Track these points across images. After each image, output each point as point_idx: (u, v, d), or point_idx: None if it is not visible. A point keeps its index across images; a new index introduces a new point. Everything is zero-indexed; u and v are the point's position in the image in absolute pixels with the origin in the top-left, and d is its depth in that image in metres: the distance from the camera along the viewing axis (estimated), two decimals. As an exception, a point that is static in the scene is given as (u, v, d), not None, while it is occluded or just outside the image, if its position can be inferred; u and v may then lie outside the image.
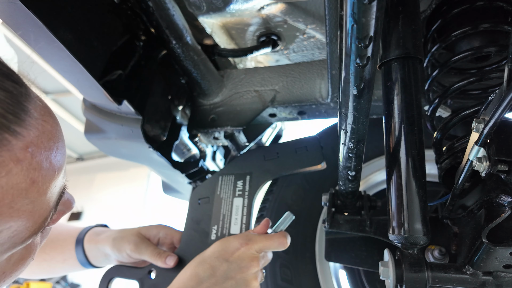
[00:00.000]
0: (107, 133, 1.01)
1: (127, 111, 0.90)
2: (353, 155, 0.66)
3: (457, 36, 0.74)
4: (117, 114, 0.94)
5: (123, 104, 0.85)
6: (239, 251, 0.76)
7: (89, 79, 0.77)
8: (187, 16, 0.96)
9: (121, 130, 0.95)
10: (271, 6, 0.96)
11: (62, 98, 5.77)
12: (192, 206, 0.97)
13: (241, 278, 0.74)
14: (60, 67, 0.78)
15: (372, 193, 1.18)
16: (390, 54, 0.63)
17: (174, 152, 1.08)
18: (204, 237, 0.90)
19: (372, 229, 0.85)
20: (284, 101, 1.06)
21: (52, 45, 0.69)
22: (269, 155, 0.97)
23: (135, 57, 0.95)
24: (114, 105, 0.86)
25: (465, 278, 0.61)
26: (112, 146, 1.06)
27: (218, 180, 0.98)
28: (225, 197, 0.95)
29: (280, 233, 0.81)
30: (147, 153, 0.99)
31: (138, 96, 0.94)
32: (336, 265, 1.09)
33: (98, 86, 0.79)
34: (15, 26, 0.67)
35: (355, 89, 0.49)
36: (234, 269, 0.74)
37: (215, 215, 0.93)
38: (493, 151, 0.55)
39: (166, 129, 1.03)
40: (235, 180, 0.96)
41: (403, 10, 0.63)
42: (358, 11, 0.38)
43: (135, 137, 0.93)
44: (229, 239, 0.79)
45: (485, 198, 0.63)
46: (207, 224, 0.92)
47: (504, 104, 0.48)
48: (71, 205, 0.52)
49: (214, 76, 1.09)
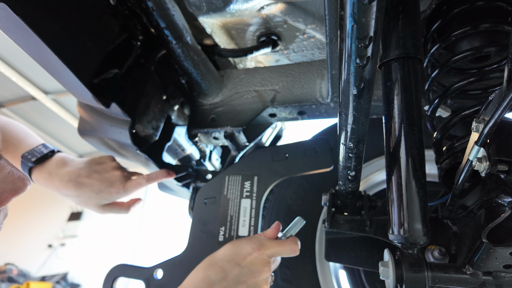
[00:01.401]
0: (98, 131, 1.01)
1: (117, 112, 0.90)
2: (353, 155, 0.66)
3: (457, 36, 0.74)
4: (108, 114, 0.94)
5: (112, 107, 0.85)
6: (251, 256, 0.75)
7: (77, 83, 0.77)
8: (187, 16, 0.96)
9: (110, 130, 0.96)
10: (271, 6, 0.96)
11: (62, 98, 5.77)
12: (198, 206, 0.96)
13: (252, 283, 0.74)
14: (50, 70, 0.78)
15: (372, 193, 1.18)
16: (390, 54, 0.63)
17: (167, 152, 1.08)
18: (212, 238, 0.89)
19: (372, 229, 0.85)
20: (284, 101, 1.06)
21: (41, 49, 0.70)
22: (278, 156, 0.96)
23: (132, 57, 0.95)
24: None
25: (465, 278, 0.61)
26: (103, 144, 1.06)
27: (224, 180, 0.97)
28: (232, 197, 0.93)
29: (291, 239, 0.80)
30: (135, 154, 0.99)
31: (130, 96, 0.94)
32: (336, 265, 1.09)
33: (85, 89, 0.79)
34: (6, 30, 0.68)
35: (355, 89, 0.49)
36: (246, 274, 0.74)
37: (222, 216, 0.91)
38: (493, 151, 0.55)
39: (159, 129, 1.04)
40: (242, 180, 0.95)
41: (403, 10, 0.62)
42: (358, 11, 0.38)
43: (123, 138, 0.93)
44: (241, 243, 0.78)
45: (485, 198, 0.63)
46: (214, 225, 0.91)
47: (504, 104, 0.48)
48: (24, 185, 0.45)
49: (214, 76, 1.09)
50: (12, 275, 5.56)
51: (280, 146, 1.00)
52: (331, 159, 0.93)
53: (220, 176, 0.98)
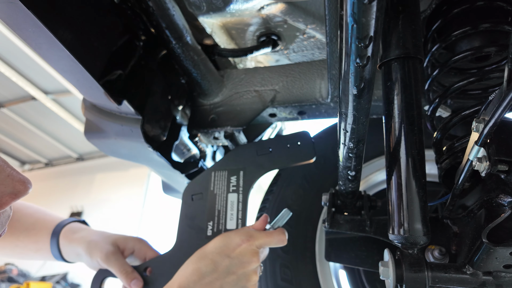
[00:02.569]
0: (107, 133, 1.01)
1: (127, 111, 0.90)
2: (353, 155, 0.66)
3: (457, 36, 0.74)
4: (117, 114, 0.94)
5: (123, 104, 0.85)
6: (240, 247, 0.77)
7: (89, 79, 0.77)
8: (187, 16, 0.96)
9: (121, 130, 0.95)
10: (271, 6, 0.96)
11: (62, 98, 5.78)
12: (185, 202, 0.97)
13: (242, 273, 0.75)
14: (60, 67, 0.78)
15: (372, 193, 1.18)
16: (390, 54, 0.63)
17: (174, 152, 1.08)
18: (200, 233, 0.90)
19: (372, 229, 0.85)
20: (284, 101, 1.06)
21: (52, 45, 0.69)
22: (262, 150, 0.98)
23: (135, 57, 0.95)
24: (114, 105, 0.86)
25: (465, 278, 0.61)
26: (112, 146, 1.06)
27: (211, 175, 0.98)
28: (219, 192, 0.95)
29: (279, 230, 0.83)
30: (147, 153, 0.99)
31: (138, 96, 0.94)
32: (336, 265, 1.09)
33: (98, 86, 0.79)
34: (15, 26, 0.67)
35: (355, 89, 0.49)
36: (236, 265, 0.75)
37: (209, 211, 0.93)
38: (493, 151, 0.55)
39: (166, 129, 1.03)
40: (228, 175, 0.97)
41: (403, 10, 0.62)
42: (358, 11, 0.38)
43: (135, 137, 0.93)
44: (230, 235, 0.80)
45: (485, 198, 0.63)
46: (202, 220, 0.92)
47: (504, 104, 0.48)
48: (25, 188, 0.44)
49: (214, 76, 1.09)
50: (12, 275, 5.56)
51: (264, 141, 1.02)
52: (313, 151, 0.95)
53: (206, 172, 1.00)
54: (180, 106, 1.12)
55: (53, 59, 0.75)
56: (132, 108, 0.87)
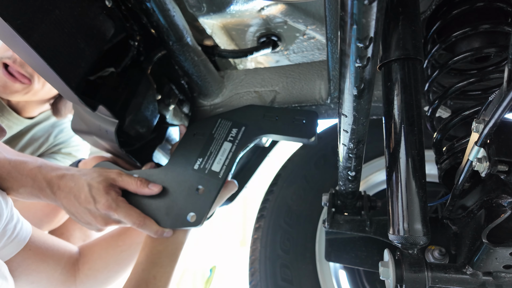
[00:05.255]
0: (88, 128, 1.03)
1: (105, 112, 0.92)
2: (353, 155, 0.66)
3: (457, 37, 0.74)
4: (97, 113, 0.95)
5: (99, 108, 0.88)
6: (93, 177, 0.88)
7: (65, 88, 0.79)
8: (187, 17, 0.96)
9: (99, 130, 0.99)
10: (271, 7, 0.96)
11: (62, 98, 5.77)
12: (186, 136, 1.04)
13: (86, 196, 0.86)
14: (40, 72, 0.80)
15: (372, 194, 1.18)
16: (390, 55, 0.63)
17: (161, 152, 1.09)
18: (188, 164, 0.97)
19: (372, 229, 0.85)
20: (284, 102, 1.06)
21: (30, 53, 0.71)
22: (269, 115, 1.02)
23: (129, 56, 0.98)
24: None
25: (465, 279, 0.61)
26: (94, 141, 1.09)
27: (216, 121, 1.04)
28: (218, 137, 1.00)
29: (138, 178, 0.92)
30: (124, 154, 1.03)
31: (123, 97, 0.97)
32: (336, 265, 1.09)
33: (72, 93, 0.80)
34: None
35: (355, 89, 0.49)
36: None
37: (203, 149, 0.99)
38: (493, 151, 0.55)
39: (150, 129, 1.05)
40: (231, 126, 1.02)
41: (403, 11, 0.63)
42: (359, 12, 0.38)
43: (109, 139, 0.96)
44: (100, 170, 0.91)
45: (485, 198, 0.64)
46: (194, 154, 0.99)
47: (504, 104, 0.48)
48: None
49: (214, 77, 1.09)
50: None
51: (274, 108, 1.06)
52: (315, 132, 0.97)
53: (213, 117, 1.06)
54: (172, 105, 1.13)
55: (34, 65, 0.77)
56: (109, 112, 0.90)
